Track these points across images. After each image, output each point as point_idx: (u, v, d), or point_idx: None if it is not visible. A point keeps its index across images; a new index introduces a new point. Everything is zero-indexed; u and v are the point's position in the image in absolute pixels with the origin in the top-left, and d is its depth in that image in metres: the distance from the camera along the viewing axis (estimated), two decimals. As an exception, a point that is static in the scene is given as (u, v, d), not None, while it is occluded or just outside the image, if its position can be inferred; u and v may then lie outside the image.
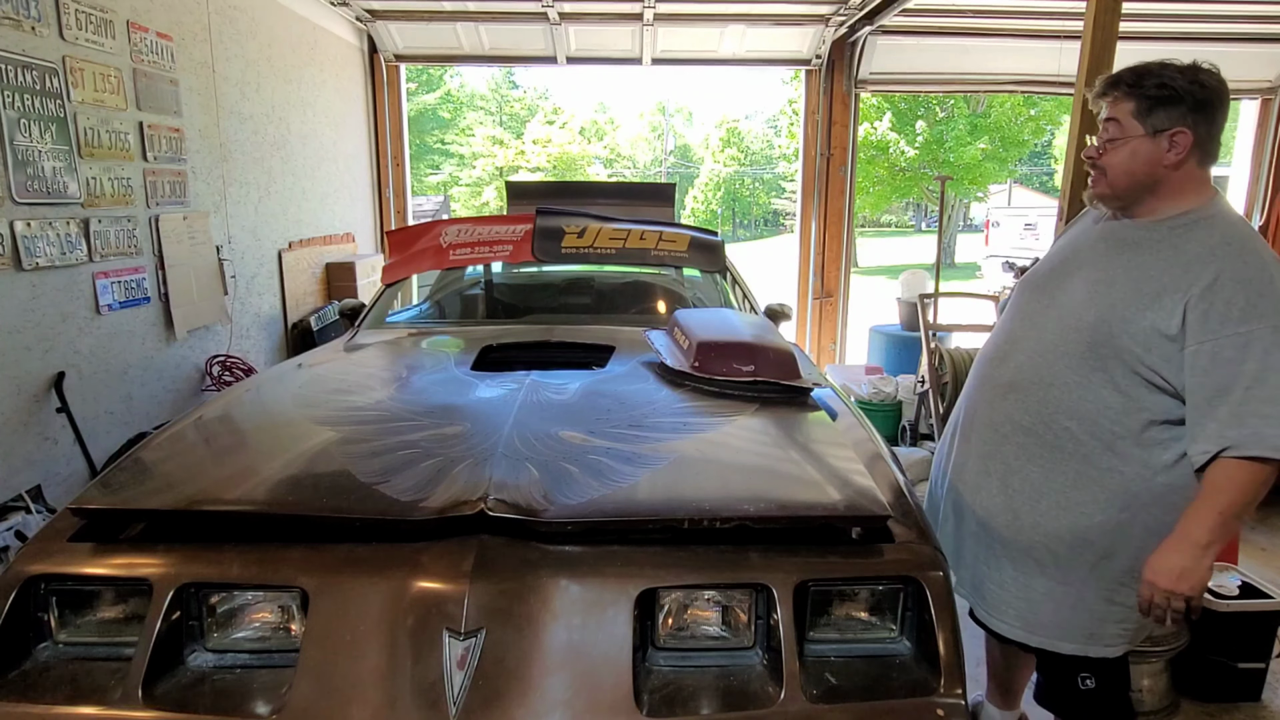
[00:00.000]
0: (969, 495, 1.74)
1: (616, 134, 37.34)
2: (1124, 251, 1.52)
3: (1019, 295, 1.72)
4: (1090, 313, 1.51)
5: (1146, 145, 1.46)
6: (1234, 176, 7.37)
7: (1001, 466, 1.65)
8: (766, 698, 1.25)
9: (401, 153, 7.02)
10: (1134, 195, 1.52)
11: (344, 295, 5.57)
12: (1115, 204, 1.56)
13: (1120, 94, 1.49)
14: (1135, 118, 1.47)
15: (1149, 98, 1.45)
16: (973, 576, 1.73)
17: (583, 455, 1.54)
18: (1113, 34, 2.85)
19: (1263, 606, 2.48)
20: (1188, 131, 1.45)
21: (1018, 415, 1.62)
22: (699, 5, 5.90)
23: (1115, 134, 1.49)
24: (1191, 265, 1.43)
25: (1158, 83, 1.45)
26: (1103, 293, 1.51)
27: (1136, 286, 1.47)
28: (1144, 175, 1.48)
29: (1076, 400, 1.53)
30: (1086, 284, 1.55)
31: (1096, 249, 1.58)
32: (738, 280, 3.58)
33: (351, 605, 1.25)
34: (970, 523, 1.73)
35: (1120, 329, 1.46)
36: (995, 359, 1.70)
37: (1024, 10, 5.90)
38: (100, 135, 3.33)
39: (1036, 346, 1.60)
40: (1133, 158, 1.48)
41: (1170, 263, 1.45)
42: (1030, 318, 1.65)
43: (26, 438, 3.01)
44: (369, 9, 6.10)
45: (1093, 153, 1.54)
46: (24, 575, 1.31)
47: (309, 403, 1.94)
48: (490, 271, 3.69)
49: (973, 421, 1.74)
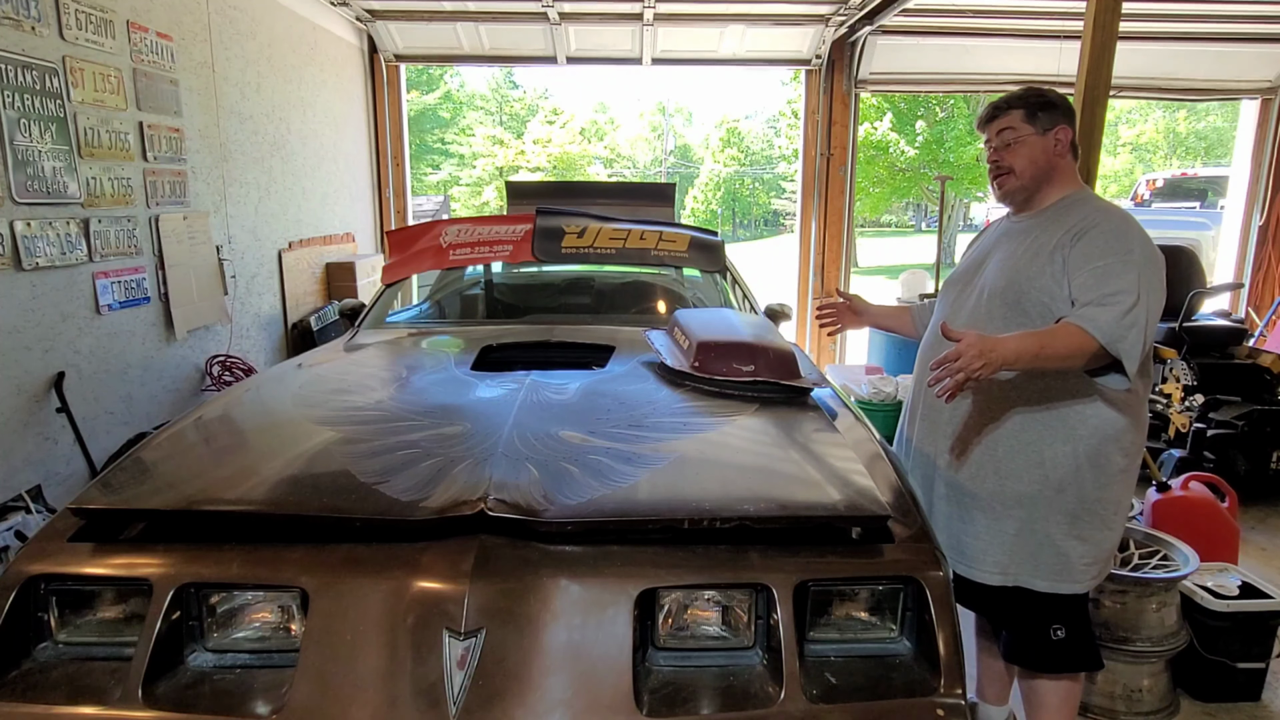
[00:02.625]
0: (930, 464, 1.95)
1: (616, 134, 37.32)
2: (1023, 236, 1.85)
3: (944, 294, 2.02)
4: (1000, 280, 1.81)
5: (1040, 141, 1.81)
6: (1234, 176, 7.36)
7: (955, 425, 1.88)
8: (766, 698, 1.25)
9: (401, 152, 7.02)
10: (1037, 183, 1.84)
11: (344, 295, 5.57)
12: (1023, 195, 1.86)
13: (1009, 108, 1.83)
14: (1025, 122, 1.81)
15: (1033, 105, 1.81)
16: (948, 538, 1.89)
17: (583, 455, 1.54)
18: (1113, 34, 2.85)
19: (1263, 606, 2.48)
20: (1068, 128, 1.82)
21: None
22: (699, 5, 5.90)
23: (1012, 138, 1.82)
24: (1066, 226, 1.77)
25: (1035, 94, 1.83)
26: (1009, 265, 1.82)
27: (1033, 253, 1.78)
28: (1044, 164, 1.82)
29: None
30: (997, 266, 1.86)
31: (1000, 244, 1.91)
32: (738, 280, 3.58)
33: (351, 605, 1.25)
34: (939, 488, 1.92)
35: (1027, 285, 1.76)
36: (936, 342, 1.92)
37: (1024, 10, 5.90)
38: (100, 135, 3.33)
39: (966, 320, 1.86)
40: (1031, 150, 1.82)
41: (1055, 231, 1.78)
42: (958, 305, 1.93)
43: (26, 438, 3.01)
44: (369, 9, 6.10)
45: (997, 157, 1.85)
46: (24, 575, 1.31)
47: (309, 403, 1.94)
48: (490, 271, 3.69)
49: (919, 403, 2.00)
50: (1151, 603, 2.37)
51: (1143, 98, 10.59)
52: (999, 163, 1.86)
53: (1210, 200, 11.08)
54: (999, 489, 1.82)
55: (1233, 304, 7.05)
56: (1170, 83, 6.76)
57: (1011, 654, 1.94)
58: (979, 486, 1.84)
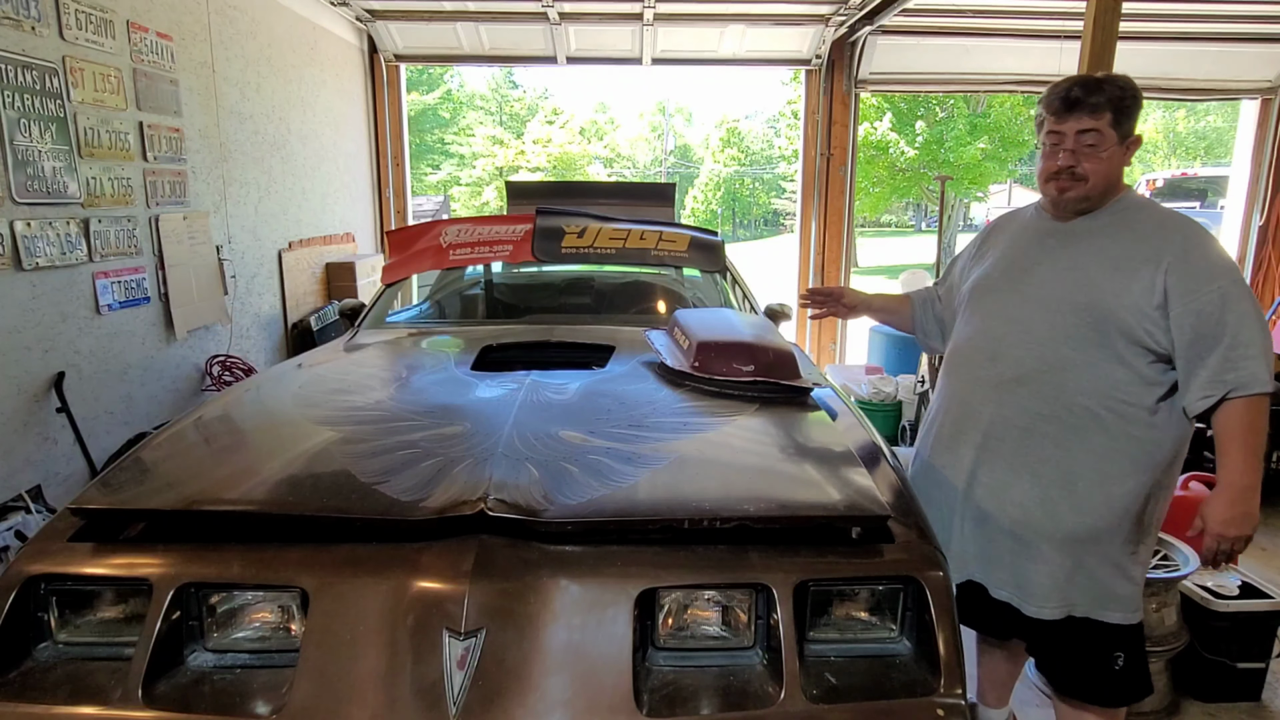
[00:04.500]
0: (994, 497, 1.75)
1: (616, 134, 37.32)
2: (1080, 240, 1.68)
3: (980, 299, 1.82)
4: (1080, 296, 1.63)
5: (1119, 153, 1.63)
6: (1234, 176, 7.36)
7: (1029, 459, 1.70)
8: (766, 698, 1.25)
9: (401, 152, 7.02)
10: (1104, 196, 1.67)
11: (344, 295, 5.57)
12: (1086, 205, 1.68)
13: (1103, 104, 1.59)
14: (1112, 128, 1.60)
15: (1123, 109, 1.60)
16: (1013, 575, 1.75)
17: (583, 455, 1.54)
18: (1113, 34, 2.85)
19: (1263, 606, 2.48)
20: (1140, 137, 1.66)
21: (1035, 405, 1.68)
22: (699, 5, 5.90)
23: (1096, 142, 1.60)
24: (1150, 239, 1.60)
25: (1129, 93, 1.61)
26: (1080, 278, 1.64)
27: (1111, 266, 1.62)
28: (1115, 178, 1.65)
29: (1089, 378, 1.63)
30: (1056, 274, 1.68)
31: (1045, 245, 1.72)
32: (738, 280, 3.58)
33: (351, 605, 1.25)
34: (1002, 522, 1.74)
35: (1114, 304, 1.59)
36: (984, 359, 1.76)
37: (1024, 10, 5.90)
38: (100, 135, 3.33)
39: (1030, 338, 1.69)
40: (1110, 163, 1.62)
41: (1130, 242, 1.62)
42: (1007, 315, 1.74)
43: (26, 438, 3.01)
44: (369, 9, 6.10)
45: (1074, 161, 1.62)
46: (24, 575, 1.31)
47: (309, 403, 1.94)
48: (490, 271, 3.69)
49: (976, 423, 1.76)
50: (1152, 603, 2.37)
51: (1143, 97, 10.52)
52: (1073, 169, 1.62)
53: (1210, 200, 11.08)
54: (1076, 525, 1.68)
55: (1233, 304, 7.04)
56: (1170, 83, 6.76)
57: (1068, 687, 1.82)
58: (1054, 523, 1.69)
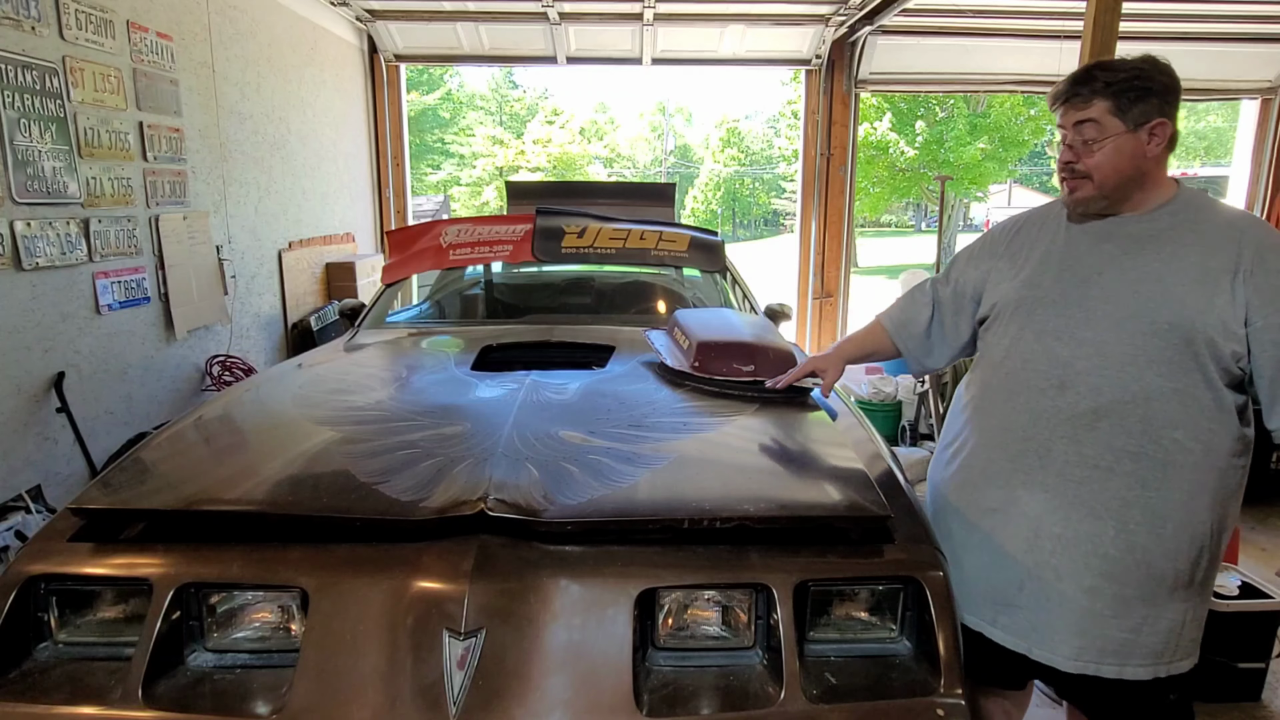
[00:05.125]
0: (1074, 550, 1.49)
1: (616, 134, 37.33)
2: (1144, 247, 1.47)
3: (1031, 312, 1.55)
4: (1163, 314, 1.42)
5: (1130, 141, 1.44)
6: (1234, 176, 7.37)
7: (1113, 503, 1.46)
8: (766, 698, 1.25)
9: (401, 152, 7.02)
10: (1123, 192, 1.48)
11: (344, 295, 5.57)
12: (1101, 204, 1.50)
13: (1093, 92, 1.44)
14: (1114, 115, 1.43)
15: (1125, 94, 1.42)
16: (1100, 641, 1.49)
17: (583, 455, 1.54)
18: (1113, 34, 2.85)
19: (1263, 606, 2.48)
20: (1167, 122, 1.44)
21: (1119, 441, 1.45)
22: (699, 5, 5.90)
23: (1095, 134, 1.45)
24: (1223, 243, 1.42)
25: (1132, 76, 1.43)
26: (1159, 291, 1.43)
27: (1188, 276, 1.42)
28: (1131, 170, 1.45)
29: (1178, 407, 1.43)
30: (1126, 286, 1.46)
31: (1104, 251, 1.50)
32: (738, 280, 3.58)
33: (351, 605, 1.25)
34: (1082, 580, 1.48)
35: (1201, 321, 1.40)
36: (1049, 386, 1.50)
37: (1024, 10, 5.90)
38: (100, 135, 3.33)
39: (1107, 363, 1.45)
40: (1118, 155, 1.44)
41: (1200, 247, 1.43)
42: (1073, 335, 1.49)
43: (26, 438, 3.01)
44: (369, 9, 6.10)
45: (1072, 157, 1.48)
46: (24, 575, 1.31)
47: (309, 403, 1.94)
48: (490, 271, 3.69)
49: (1045, 462, 1.50)
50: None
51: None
52: (1073, 165, 1.48)
53: (1210, 200, 11.08)
54: (1167, 570, 1.45)
55: (1233, 304, 7.05)
56: (1170, 82, 6.76)
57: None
58: (1145, 572, 1.46)
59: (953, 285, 1.75)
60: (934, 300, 1.77)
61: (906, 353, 1.81)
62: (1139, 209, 1.50)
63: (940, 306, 1.76)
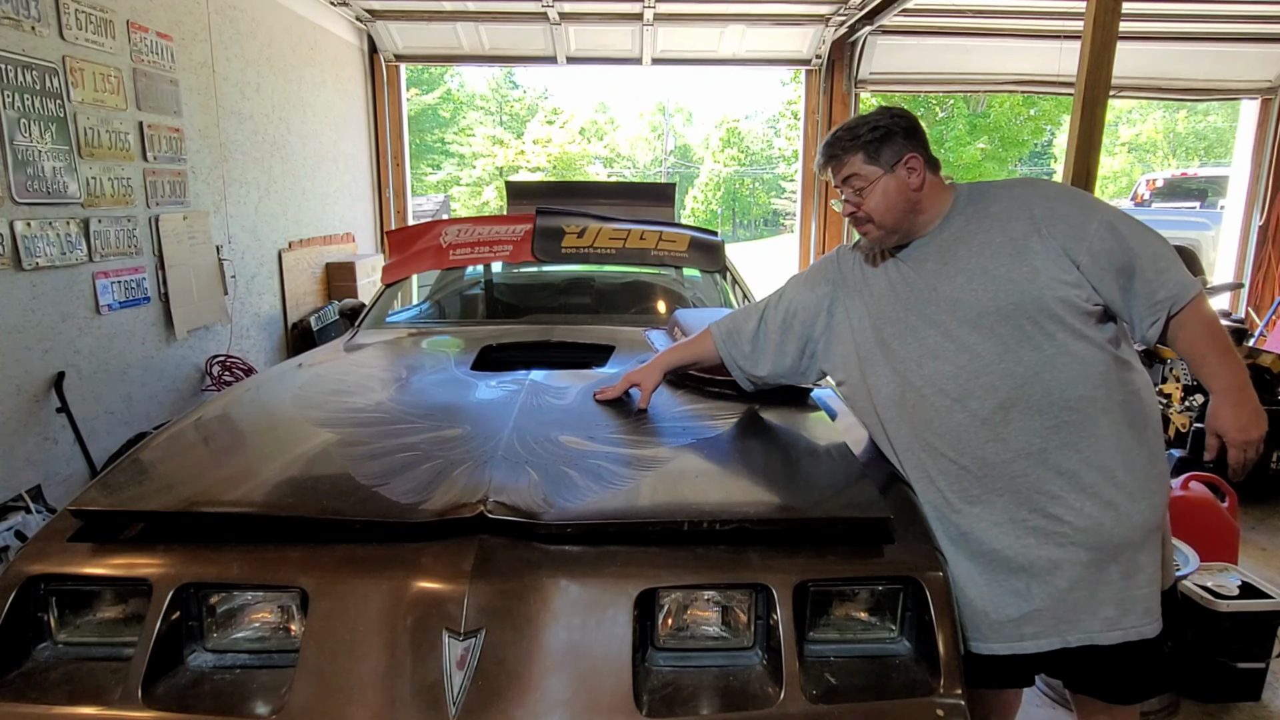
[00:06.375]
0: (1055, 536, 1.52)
1: (616, 134, 37.31)
2: (956, 250, 1.60)
3: (901, 346, 1.62)
4: (1003, 299, 1.52)
5: (891, 180, 1.61)
6: (1234, 176, 7.37)
7: (1060, 478, 1.51)
8: (766, 698, 1.25)
9: (401, 152, 7.03)
10: (905, 221, 1.63)
11: (344, 295, 5.58)
12: (894, 238, 1.66)
13: (845, 150, 1.63)
14: (869, 163, 1.61)
15: (871, 142, 1.60)
16: (1123, 604, 1.52)
17: (582, 458, 1.54)
18: (1113, 34, 2.85)
19: (1263, 606, 2.48)
20: (917, 154, 1.61)
21: (1035, 422, 1.51)
22: (699, 5, 5.90)
23: (861, 184, 1.62)
24: (1014, 212, 1.57)
25: (868, 128, 1.61)
26: (988, 282, 1.54)
27: (1004, 255, 1.55)
28: (904, 203, 1.62)
29: (1065, 367, 1.51)
30: (962, 290, 1.56)
31: (929, 269, 1.62)
32: (738, 280, 3.58)
33: (351, 605, 1.25)
34: (1079, 556, 1.51)
35: (1036, 289, 1.51)
36: (949, 404, 1.56)
37: (1024, 10, 5.90)
38: (100, 135, 3.34)
39: (982, 363, 1.53)
40: (886, 195, 1.61)
41: (998, 227, 1.58)
42: (939, 353, 1.57)
43: (26, 438, 3.01)
44: (369, 9, 6.10)
45: (852, 209, 1.65)
46: (24, 575, 1.31)
47: (309, 403, 1.93)
48: (490, 271, 3.69)
49: (990, 471, 1.53)
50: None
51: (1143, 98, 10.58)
52: (855, 214, 1.65)
53: (1210, 200, 11.08)
54: (1143, 508, 1.51)
55: (1233, 304, 7.06)
56: (1170, 83, 6.77)
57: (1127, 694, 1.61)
58: (1126, 523, 1.50)
59: (785, 305, 1.85)
60: (762, 316, 1.88)
61: (730, 361, 1.90)
62: (931, 224, 1.65)
63: (766, 323, 1.87)
